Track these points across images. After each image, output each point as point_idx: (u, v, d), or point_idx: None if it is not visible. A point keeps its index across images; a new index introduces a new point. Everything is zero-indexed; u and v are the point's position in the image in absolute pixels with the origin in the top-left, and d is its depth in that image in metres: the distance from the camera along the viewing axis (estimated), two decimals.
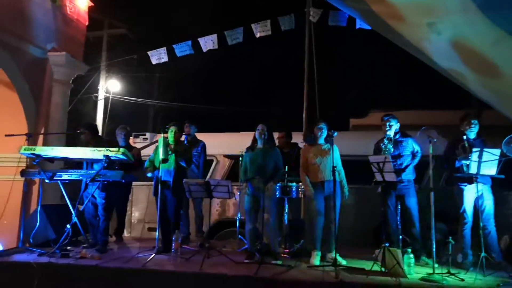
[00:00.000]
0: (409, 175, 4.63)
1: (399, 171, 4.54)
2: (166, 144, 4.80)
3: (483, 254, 3.92)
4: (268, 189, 4.48)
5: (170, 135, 4.94)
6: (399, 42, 4.98)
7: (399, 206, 4.66)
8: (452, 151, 4.47)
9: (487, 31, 3.77)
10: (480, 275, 3.82)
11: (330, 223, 4.43)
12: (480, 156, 4.01)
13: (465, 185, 4.36)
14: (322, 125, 4.62)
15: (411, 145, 4.67)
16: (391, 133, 4.65)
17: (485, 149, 4.02)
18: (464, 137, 4.41)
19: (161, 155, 4.72)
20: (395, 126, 4.66)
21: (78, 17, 7.84)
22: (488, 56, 4.15)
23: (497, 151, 3.99)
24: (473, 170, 4.10)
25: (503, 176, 4.13)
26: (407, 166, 4.61)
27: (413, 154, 4.67)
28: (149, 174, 4.94)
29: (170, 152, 4.80)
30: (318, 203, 4.49)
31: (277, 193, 4.75)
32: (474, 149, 4.07)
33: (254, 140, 4.74)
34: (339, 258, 4.30)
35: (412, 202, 4.58)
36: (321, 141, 4.65)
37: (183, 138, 5.27)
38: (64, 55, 7.12)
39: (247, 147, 4.79)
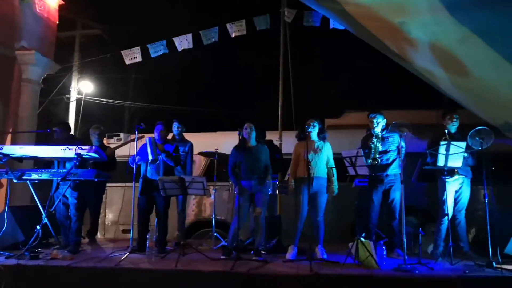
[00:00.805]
0: (395, 169, 4.68)
1: (386, 166, 4.64)
2: (155, 144, 4.76)
3: (450, 243, 4.07)
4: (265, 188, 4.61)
5: (156, 134, 4.90)
6: (371, 42, 5.09)
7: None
8: (435, 146, 4.56)
9: (454, 29, 3.90)
10: (448, 264, 3.97)
11: (317, 217, 4.49)
12: (447, 149, 4.15)
13: (449, 178, 4.46)
14: (314, 123, 4.65)
15: (396, 140, 4.70)
16: (378, 130, 4.66)
17: (452, 142, 4.17)
18: (446, 131, 4.51)
19: (150, 155, 4.68)
20: (382, 122, 4.68)
21: (48, 15, 7.65)
22: (455, 54, 4.30)
23: (462, 144, 4.15)
24: (440, 162, 4.24)
25: (467, 168, 4.29)
26: (393, 161, 4.66)
27: (399, 149, 4.67)
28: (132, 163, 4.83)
29: (159, 152, 4.75)
30: (303, 198, 4.52)
31: (269, 189, 4.82)
32: (441, 142, 4.21)
33: (244, 139, 4.72)
34: (323, 252, 4.40)
35: (397, 195, 4.64)
36: (314, 137, 4.66)
37: (169, 136, 5.23)
38: (34, 53, 6.93)
39: (236, 146, 4.76)
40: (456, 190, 4.53)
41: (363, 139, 4.87)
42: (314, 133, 4.66)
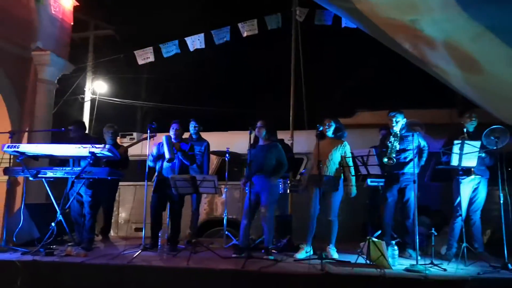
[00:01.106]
0: (412, 168, 4.54)
1: (403, 164, 4.59)
2: (171, 143, 4.80)
3: (464, 244, 4.01)
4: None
5: (172, 132, 4.95)
6: (384, 40, 5.05)
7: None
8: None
9: (467, 26, 3.85)
10: (461, 265, 3.91)
11: (329, 217, 4.47)
12: (461, 148, 4.09)
13: (464, 178, 4.40)
14: (330, 122, 4.66)
15: (416, 140, 4.60)
16: (397, 128, 4.60)
17: (466, 141, 4.10)
18: (464, 129, 4.45)
19: (166, 154, 4.73)
20: (401, 121, 4.61)
21: (63, 17, 7.77)
22: (469, 52, 4.24)
23: (477, 143, 4.09)
24: (454, 162, 4.18)
25: (484, 167, 4.24)
26: (411, 160, 4.56)
27: (420, 149, 4.64)
28: (150, 163, 4.91)
29: (175, 151, 4.79)
30: (314, 197, 4.51)
31: (280, 188, 4.76)
32: (455, 142, 4.15)
33: (256, 137, 4.74)
34: (334, 252, 4.38)
35: (412, 194, 4.55)
36: (330, 135, 4.67)
37: (186, 135, 5.28)
38: (49, 54, 7.04)
39: (250, 144, 4.77)
40: (472, 191, 4.46)
41: (382, 138, 4.83)
42: (330, 132, 4.66)
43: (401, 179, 4.61)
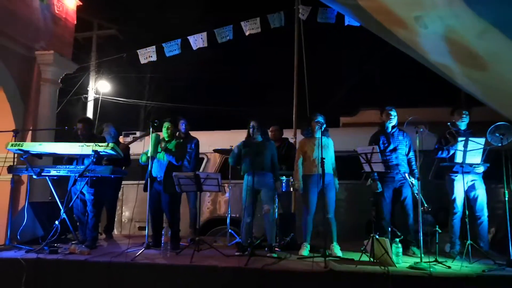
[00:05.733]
0: (405, 167, 4.66)
1: (396, 165, 4.59)
2: (157, 142, 4.80)
3: (469, 241, 3.98)
4: (278, 188, 4.62)
5: (164, 131, 4.96)
6: (387, 38, 5.02)
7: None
8: (442, 143, 4.52)
9: (472, 23, 3.82)
10: (466, 262, 3.89)
11: (328, 215, 4.45)
12: (465, 146, 4.07)
13: (456, 176, 4.42)
14: (319, 119, 4.62)
15: (408, 138, 4.72)
16: (393, 123, 4.69)
17: (470, 138, 4.08)
18: (452, 128, 4.48)
19: (150, 152, 4.76)
20: (396, 117, 4.70)
21: (67, 16, 7.79)
22: (474, 48, 4.21)
23: (481, 140, 4.06)
24: (458, 159, 4.15)
25: (488, 165, 4.20)
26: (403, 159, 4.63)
27: (409, 149, 4.71)
28: (143, 161, 4.91)
29: (160, 150, 4.80)
30: (311, 196, 4.51)
31: (283, 187, 4.80)
32: (459, 138, 4.14)
33: (249, 135, 4.72)
34: (338, 250, 4.36)
35: (409, 193, 4.60)
36: (318, 134, 4.63)
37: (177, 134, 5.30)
38: (53, 54, 7.06)
39: (244, 141, 4.76)
40: (469, 189, 4.44)
41: (372, 136, 4.82)
42: (319, 130, 4.63)
43: (396, 178, 4.59)
